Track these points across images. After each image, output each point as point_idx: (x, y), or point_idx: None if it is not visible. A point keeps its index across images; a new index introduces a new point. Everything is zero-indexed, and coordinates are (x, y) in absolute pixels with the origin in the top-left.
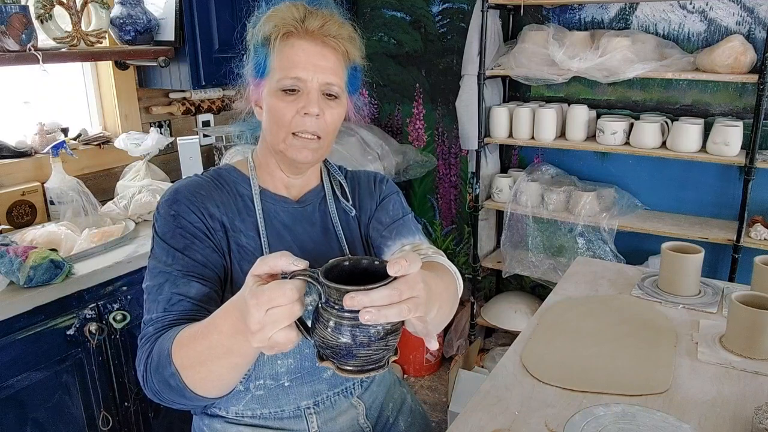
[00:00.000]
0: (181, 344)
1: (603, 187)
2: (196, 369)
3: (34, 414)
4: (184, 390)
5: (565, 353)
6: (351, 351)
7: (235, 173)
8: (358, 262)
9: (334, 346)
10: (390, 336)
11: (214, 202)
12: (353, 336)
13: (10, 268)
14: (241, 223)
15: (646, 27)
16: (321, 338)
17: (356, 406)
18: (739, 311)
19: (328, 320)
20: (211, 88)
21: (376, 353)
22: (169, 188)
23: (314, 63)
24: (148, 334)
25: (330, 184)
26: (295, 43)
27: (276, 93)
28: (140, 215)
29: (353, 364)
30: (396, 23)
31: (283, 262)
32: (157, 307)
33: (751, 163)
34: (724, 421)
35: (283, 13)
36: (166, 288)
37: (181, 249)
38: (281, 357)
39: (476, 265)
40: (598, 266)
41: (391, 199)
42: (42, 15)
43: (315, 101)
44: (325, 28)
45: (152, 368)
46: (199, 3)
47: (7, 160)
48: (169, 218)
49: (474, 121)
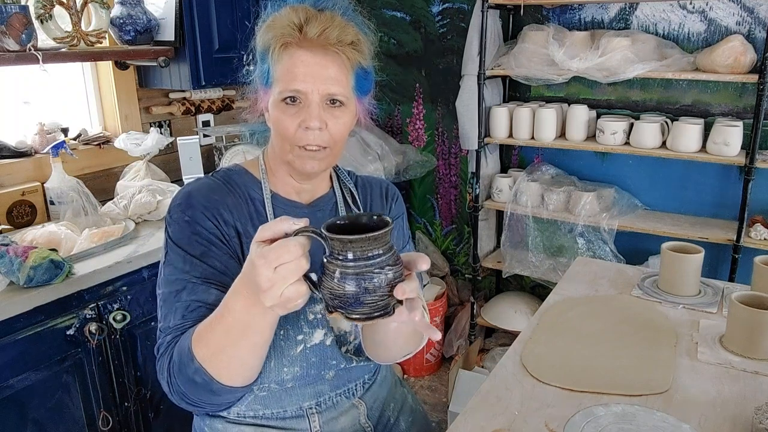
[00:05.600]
0: (200, 337)
1: (603, 187)
2: (218, 357)
3: (34, 414)
4: (210, 383)
5: (565, 353)
6: (358, 298)
7: (246, 176)
8: (357, 218)
9: (341, 295)
10: (395, 282)
11: (227, 208)
12: (358, 284)
13: (10, 268)
14: (252, 228)
15: (646, 27)
16: (328, 290)
17: (357, 407)
18: (739, 311)
19: (333, 271)
20: (211, 88)
21: (381, 299)
22: (180, 191)
23: (314, 74)
24: (166, 342)
25: (341, 191)
26: (294, 53)
27: (278, 105)
28: (140, 215)
29: (360, 312)
30: (396, 23)
31: (286, 225)
32: (174, 315)
33: (751, 163)
34: (724, 421)
35: (282, 21)
36: (184, 295)
37: (199, 256)
38: (288, 365)
39: (476, 265)
40: (598, 266)
41: (397, 224)
42: (42, 15)
43: (316, 115)
44: (324, 35)
45: (175, 371)
46: (199, 3)
47: (7, 160)
48: (183, 224)
49: (474, 121)
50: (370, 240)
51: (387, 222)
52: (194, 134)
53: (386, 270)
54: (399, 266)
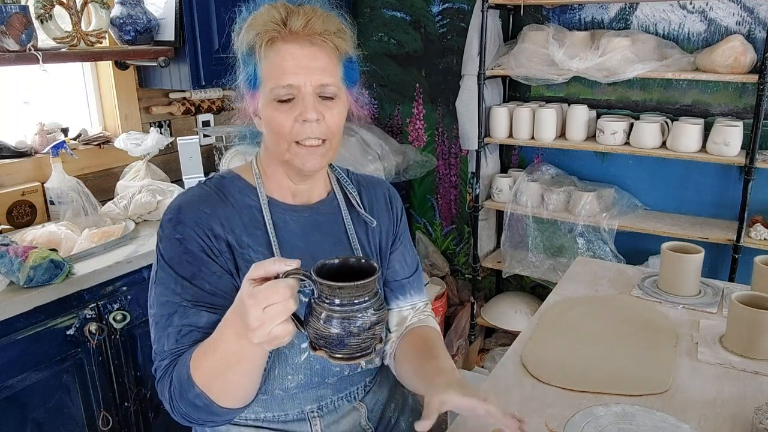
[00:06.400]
0: (196, 364)
1: (603, 187)
2: (216, 382)
3: (34, 414)
4: (211, 406)
5: (565, 353)
6: (342, 340)
7: (239, 182)
8: (346, 260)
9: (326, 336)
10: (377, 326)
11: (218, 220)
12: (343, 327)
13: (10, 268)
14: (248, 237)
15: (646, 27)
16: (314, 330)
17: (358, 409)
18: (739, 311)
19: (320, 313)
20: (211, 88)
21: (364, 342)
22: (172, 204)
23: (304, 66)
24: (162, 366)
25: (342, 193)
26: (281, 48)
27: (271, 104)
28: (140, 215)
29: (344, 352)
30: (396, 23)
31: (277, 266)
32: (168, 339)
33: (751, 163)
34: (724, 421)
35: (263, 18)
36: (176, 319)
37: (189, 278)
38: (292, 373)
39: (476, 265)
40: (598, 266)
41: (404, 237)
42: (42, 15)
43: (312, 106)
44: (309, 26)
45: (176, 395)
46: (199, 3)
47: (7, 160)
48: (174, 242)
49: (474, 121)
50: (359, 287)
51: (374, 268)
52: (194, 134)
53: (370, 314)
54: (383, 310)
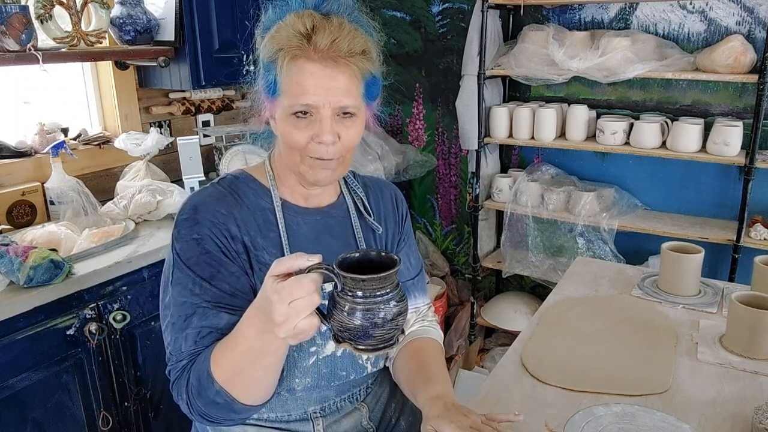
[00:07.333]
0: (217, 362)
1: (603, 187)
2: (236, 379)
3: (34, 414)
4: (232, 403)
5: (565, 353)
6: (366, 332)
7: (253, 183)
8: (366, 254)
9: (351, 328)
10: (399, 317)
11: (235, 221)
12: (367, 318)
13: (10, 268)
14: (262, 240)
15: (646, 27)
16: (339, 322)
17: (360, 409)
18: (739, 311)
19: (344, 306)
20: (211, 88)
21: (388, 333)
22: (187, 203)
23: (325, 87)
24: (180, 366)
25: (351, 198)
26: (303, 66)
27: (288, 118)
28: (140, 215)
29: (368, 344)
30: (396, 23)
31: (300, 262)
32: (186, 341)
33: (751, 163)
34: (724, 421)
35: (288, 32)
36: (195, 320)
37: (208, 278)
38: (300, 376)
39: (476, 265)
40: (598, 266)
41: (409, 238)
42: (42, 15)
43: (328, 129)
44: (334, 46)
45: (195, 394)
46: (199, 3)
47: (7, 160)
48: (191, 242)
49: (474, 121)
50: (381, 279)
51: (395, 261)
52: (194, 134)
53: (392, 305)
54: (404, 302)
